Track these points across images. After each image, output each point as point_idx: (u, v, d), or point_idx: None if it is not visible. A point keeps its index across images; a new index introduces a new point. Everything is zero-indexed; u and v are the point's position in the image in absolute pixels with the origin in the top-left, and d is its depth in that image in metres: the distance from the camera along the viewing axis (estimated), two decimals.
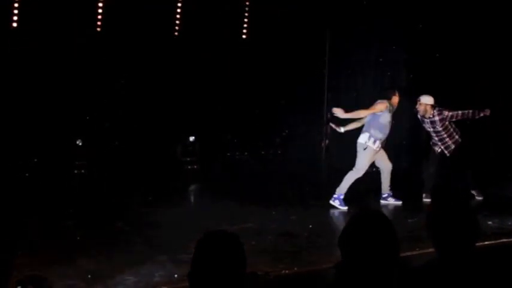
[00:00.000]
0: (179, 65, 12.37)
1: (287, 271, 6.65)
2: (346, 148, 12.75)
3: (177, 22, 12.37)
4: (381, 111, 9.33)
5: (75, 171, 11.45)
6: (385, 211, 8.90)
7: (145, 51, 11.98)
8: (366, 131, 9.43)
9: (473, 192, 9.96)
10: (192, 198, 11.03)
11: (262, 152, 13.26)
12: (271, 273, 6.45)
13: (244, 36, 13.07)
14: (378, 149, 9.49)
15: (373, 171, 12.31)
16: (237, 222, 8.23)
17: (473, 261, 3.03)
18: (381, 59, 12.63)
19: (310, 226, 8.33)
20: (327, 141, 13.24)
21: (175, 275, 6.20)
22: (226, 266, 2.58)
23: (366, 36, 12.47)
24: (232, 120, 12.89)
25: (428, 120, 9.72)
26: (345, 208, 9.24)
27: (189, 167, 12.39)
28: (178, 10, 12.32)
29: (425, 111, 9.66)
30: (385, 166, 9.83)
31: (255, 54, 12.82)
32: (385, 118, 9.37)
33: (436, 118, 9.63)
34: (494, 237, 7.55)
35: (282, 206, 9.34)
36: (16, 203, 8.88)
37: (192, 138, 12.38)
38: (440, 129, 9.70)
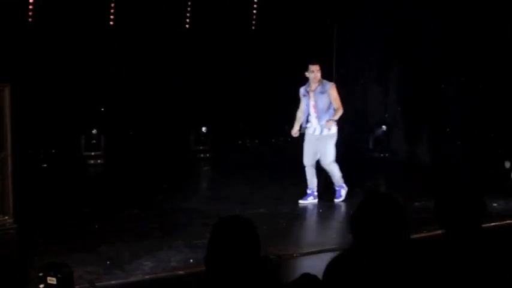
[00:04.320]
0: (191, 56, 12.55)
1: (298, 254, 6.86)
2: (354, 134, 12.98)
3: (188, 14, 12.54)
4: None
5: (92, 161, 11.65)
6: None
7: (158, 42, 12.14)
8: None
9: None
10: (204, 186, 11.23)
11: (273, 140, 13.42)
12: (283, 256, 6.67)
13: (253, 28, 13.24)
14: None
15: (382, 156, 12.55)
16: (249, 207, 8.41)
17: (480, 241, 3.06)
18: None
19: (321, 210, 8.54)
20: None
21: (191, 260, 6.40)
22: (241, 249, 2.61)
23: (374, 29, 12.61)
24: (243, 108, 13.07)
25: None
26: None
27: (202, 155, 12.57)
28: (189, 3, 12.49)
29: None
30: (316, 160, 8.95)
31: (264, 44, 12.98)
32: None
33: None
34: (499, 219, 7.74)
35: (293, 192, 9.50)
36: (35, 193, 9.12)
37: (204, 129, 12.56)
38: None
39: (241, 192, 9.53)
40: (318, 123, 8.71)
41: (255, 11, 13.15)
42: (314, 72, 8.65)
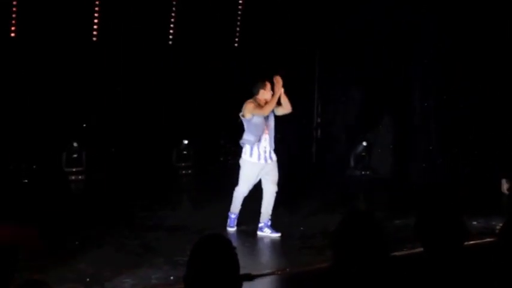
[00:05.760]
0: (174, 72, 12.57)
1: (280, 272, 6.86)
2: (336, 151, 13.07)
3: (171, 30, 12.57)
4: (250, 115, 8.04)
5: (73, 177, 11.60)
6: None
7: (140, 57, 12.16)
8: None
9: None
10: (187, 202, 11.21)
11: None
12: (265, 274, 6.66)
13: (236, 45, 13.30)
14: (259, 161, 8.15)
15: (363, 174, 12.62)
16: None
17: (461, 260, 3.09)
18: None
19: (302, 228, 8.54)
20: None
21: (172, 277, 6.39)
22: (220, 269, 2.65)
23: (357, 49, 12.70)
24: (224, 125, 13.08)
25: None
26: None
27: (184, 171, 12.57)
28: (172, 19, 12.52)
29: None
30: (268, 188, 8.27)
31: (247, 62, 13.02)
32: (257, 120, 8.06)
33: None
34: (479, 237, 7.78)
35: (275, 209, 9.47)
36: (15, 209, 9.04)
37: (186, 142, 12.57)
38: None
39: (223, 209, 9.50)
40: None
41: (238, 28, 13.20)
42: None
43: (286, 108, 8.18)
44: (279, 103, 8.10)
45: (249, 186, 8.23)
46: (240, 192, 8.26)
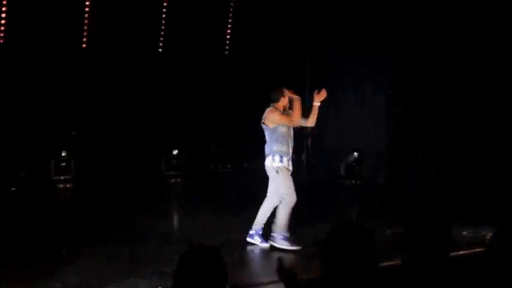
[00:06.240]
0: (164, 80, 12.55)
1: (268, 282, 6.81)
2: (326, 161, 13.08)
3: (161, 38, 12.56)
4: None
5: (61, 185, 11.53)
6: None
7: (130, 66, 12.14)
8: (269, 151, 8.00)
9: None
10: (176, 211, 11.17)
11: (245, 165, 13.43)
12: (253, 285, 6.62)
13: (226, 52, 13.30)
14: (289, 167, 8.00)
15: (353, 183, 12.62)
16: (220, 234, 8.30)
17: (447, 270, 3.09)
18: (363, 71, 12.82)
19: (292, 238, 8.50)
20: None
21: (159, 287, 6.36)
22: (207, 280, 2.65)
23: (346, 55, 12.73)
24: (214, 133, 13.07)
25: None
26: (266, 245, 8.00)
27: (173, 180, 12.53)
28: (162, 27, 12.51)
29: None
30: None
31: (237, 70, 13.03)
32: (283, 129, 7.91)
33: None
34: (469, 247, 7.76)
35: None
36: (2, 217, 8.98)
37: (175, 152, 12.54)
38: None
39: (212, 218, 9.48)
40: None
41: (228, 36, 13.20)
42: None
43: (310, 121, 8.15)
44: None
45: (294, 193, 7.89)
46: (293, 202, 7.91)
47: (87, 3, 11.61)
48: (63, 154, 11.62)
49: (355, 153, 12.79)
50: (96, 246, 7.90)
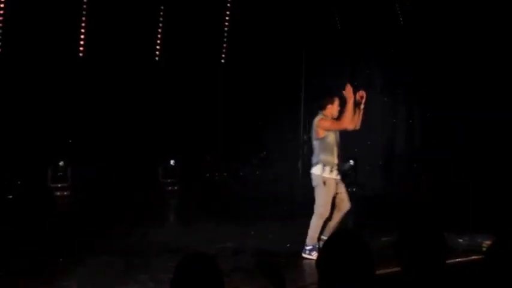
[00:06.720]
0: (160, 88, 12.58)
1: None
2: None
3: (158, 47, 12.60)
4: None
5: (58, 193, 11.53)
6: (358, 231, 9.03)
7: (127, 74, 12.17)
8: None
9: None
10: (173, 219, 11.17)
11: (241, 173, 13.45)
12: None
13: (223, 61, 13.33)
14: (337, 176, 7.89)
15: (349, 190, 12.57)
16: (216, 241, 8.36)
17: (443, 279, 3.06)
18: (355, 83, 12.86)
19: (288, 245, 8.51)
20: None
21: None
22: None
23: (341, 58, 12.76)
24: (211, 141, 13.09)
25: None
26: None
27: (170, 188, 12.54)
28: (159, 36, 12.55)
29: None
30: (344, 206, 7.99)
31: (233, 77, 13.06)
32: (331, 138, 7.85)
33: None
34: (465, 255, 7.78)
35: (260, 226, 9.50)
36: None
37: (172, 162, 12.55)
38: None
39: (209, 226, 9.49)
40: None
41: (224, 44, 13.25)
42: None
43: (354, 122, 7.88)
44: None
45: (329, 207, 7.75)
46: (325, 216, 7.75)
47: (83, 12, 11.64)
48: (60, 163, 11.62)
49: (351, 161, 12.80)
50: (92, 254, 7.88)
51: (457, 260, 7.32)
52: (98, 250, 8.09)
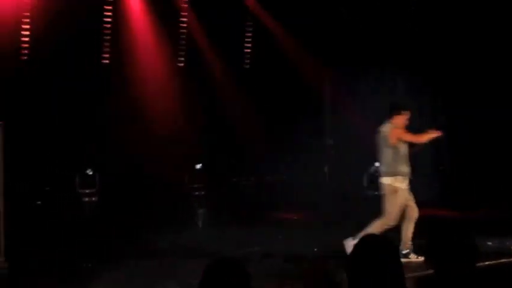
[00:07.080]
0: (185, 94, 12.62)
1: None
2: (347, 173, 13.04)
3: (182, 52, 12.67)
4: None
5: (86, 199, 11.59)
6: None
7: (154, 81, 12.24)
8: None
9: None
10: (200, 224, 11.19)
11: (267, 178, 13.43)
12: None
13: (247, 66, 13.39)
14: (407, 186, 7.94)
15: (376, 194, 12.50)
16: (244, 246, 8.38)
17: (473, 281, 3.04)
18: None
19: (316, 249, 8.49)
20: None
21: None
22: None
23: (366, 65, 12.74)
24: (237, 147, 13.08)
25: None
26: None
27: (197, 193, 12.53)
28: (183, 41, 12.62)
29: None
30: (414, 214, 8.00)
31: (258, 83, 13.04)
32: (404, 148, 7.90)
33: None
34: (494, 258, 7.70)
35: (288, 230, 9.50)
36: (28, 231, 9.06)
37: (198, 166, 12.57)
38: None
39: (236, 230, 9.51)
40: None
41: (249, 50, 13.28)
42: None
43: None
44: None
45: (395, 218, 7.78)
46: (389, 224, 7.71)
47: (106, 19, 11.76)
48: (88, 172, 11.70)
49: (377, 164, 12.73)
50: (121, 259, 7.96)
51: (487, 262, 7.26)
52: (127, 255, 8.16)
